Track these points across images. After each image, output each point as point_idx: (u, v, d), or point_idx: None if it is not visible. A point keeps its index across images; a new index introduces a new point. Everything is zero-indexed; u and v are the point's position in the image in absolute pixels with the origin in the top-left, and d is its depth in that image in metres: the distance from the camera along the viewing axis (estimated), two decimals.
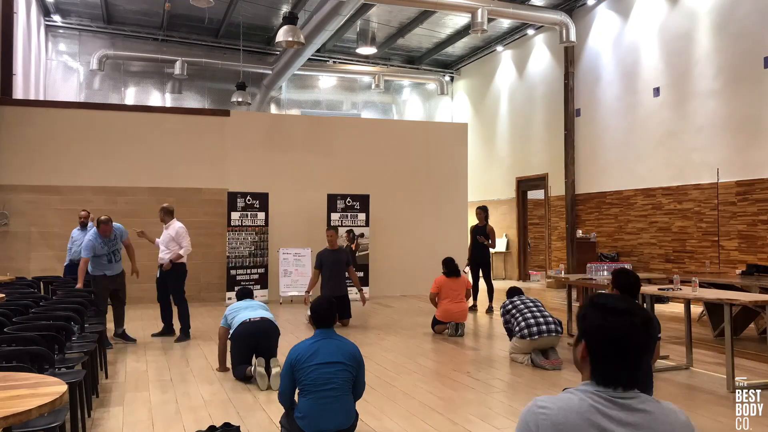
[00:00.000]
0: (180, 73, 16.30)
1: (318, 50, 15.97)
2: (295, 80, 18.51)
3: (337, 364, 3.79)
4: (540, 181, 15.37)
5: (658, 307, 8.18)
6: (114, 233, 7.74)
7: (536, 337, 6.29)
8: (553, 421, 1.56)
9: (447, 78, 19.73)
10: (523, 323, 6.41)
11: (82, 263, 7.59)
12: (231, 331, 5.88)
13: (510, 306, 6.73)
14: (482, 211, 10.97)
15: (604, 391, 1.59)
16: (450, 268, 8.32)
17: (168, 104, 16.97)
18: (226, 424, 4.16)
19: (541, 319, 6.38)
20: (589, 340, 1.64)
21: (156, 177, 11.67)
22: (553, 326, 6.36)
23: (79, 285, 7.46)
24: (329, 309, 3.99)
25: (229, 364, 6.03)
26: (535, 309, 6.53)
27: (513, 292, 7.04)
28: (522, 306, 6.60)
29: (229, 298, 11.30)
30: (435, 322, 8.33)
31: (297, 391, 3.89)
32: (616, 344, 1.58)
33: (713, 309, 7.92)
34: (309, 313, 4.33)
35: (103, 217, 7.66)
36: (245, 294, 6.51)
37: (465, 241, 13.79)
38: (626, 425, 1.55)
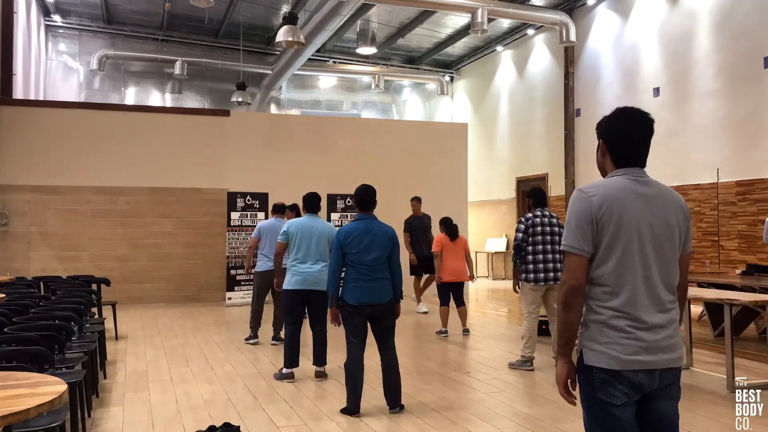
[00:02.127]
0: (180, 73, 16.30)
1: (318, 50, 15.97)
2: (295, 80, 18.51)
3: (374, 252, 4.62)
4: (540, 181, 15.37)
5: None
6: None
7: (542, 283, 6.16)
8: (602, 196, 2.13)
9: (447, 78, 19.73)
10: (531, 265, 6.18)
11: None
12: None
13: (530, 225, 6.24)
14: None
15: (628, 173, 2.20)
16: (448, 227, 8.28)
17: (168, 104, 16.98)
18: (226, 424, 4.16)
19: (549, 264, 6.17)
20: (606, 138, 2.28)
21: (156, 177, 11.67)
22: (559, 273, 6.11)
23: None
24: (370, 193, 4.75)
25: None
26: (547, 245, 6.20)
27: (537, 200, 6.41)
28: (539, 237, 6.19)
29: (230, 298, 11.31)
30: (442, 292, 8.19)
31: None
32: (627, 135, 2.22)
33: (713, 309, 7.92)
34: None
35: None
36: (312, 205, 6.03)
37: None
38: (650, 195, 2.16)
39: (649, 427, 2.18)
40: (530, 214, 6.34)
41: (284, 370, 5.79)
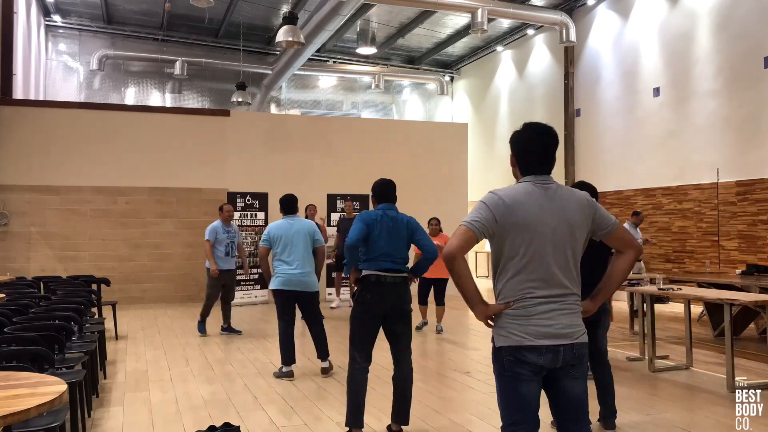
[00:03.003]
0: (180, 73, 16.30)
1: (318, 50, 15.97)
2: (295, 80, 18.51)
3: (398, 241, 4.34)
4: None
5: (658, 307, 8.18)
6: (233, 226, 8.12)
7: None
8: (506, 197, 2.40)
9: (447, 78, 19.72)
10: None
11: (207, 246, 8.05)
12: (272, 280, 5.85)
13: None
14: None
15: (533, 180, 2.47)
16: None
17: (168, 104, 16.97)
18: (226, 424, 4.16)
19: None
20: (514, 149, 2.54)
21: (156, 177, 11.66)
22: None
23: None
24: (389, 186, 4.53)
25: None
26: None
27: None
28: None
29: None
30: (422, 290, 8.48)
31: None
32: (529, 146, 2.50)
33: (713, 309, 7.92)
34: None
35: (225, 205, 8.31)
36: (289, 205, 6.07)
37: None
38: (552, 197, 2.44)
39: (557, 405, 2.50)
40: None
41: (284, 369, 5.81)
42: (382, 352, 7.06)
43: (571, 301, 2.43)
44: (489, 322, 2.49)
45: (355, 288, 4.40)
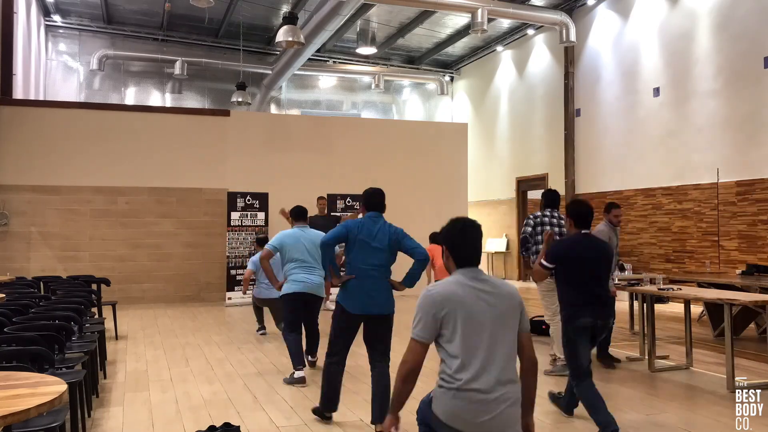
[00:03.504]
0: (180, 73, 16.30)
1: (318, 50, 15.96)
2: (295, 80, 18.51)
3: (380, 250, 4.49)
4: (540, 181, 15.36)
5: (658, 307, 8.18)
6: None
7: None
8: (442, 293, 2.56)
9: (447, 78, 19.73)
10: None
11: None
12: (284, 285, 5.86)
13: (539, 223, 6.23)
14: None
15: (467, 273, 2.63)
16: (437, 242, 8.23)
17: (168, 104, 16.97)
18: (226, 424, 4.16)
19: None
20: (446, 244, 2.72)
21: (156, 177, 11.67)
22: None
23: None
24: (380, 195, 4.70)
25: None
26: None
27: (548, 200, 6.39)
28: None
29: (230, 298, 11.31)
30: None
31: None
32: (460, 241, 2.69)
33: (713, 309, 7.92)
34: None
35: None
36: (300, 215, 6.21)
37: None
38: (484, 290, 2.59)
39: None
40: (539, 213, 6.35)
41: (296, 374, 5.70)
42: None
43: (514, 390, 2.55)
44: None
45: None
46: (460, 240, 2.70)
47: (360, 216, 4.71)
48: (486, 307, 2.54)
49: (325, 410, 4.54)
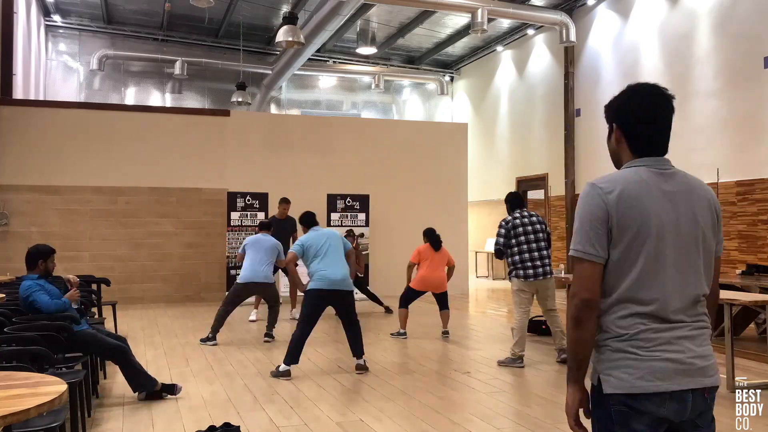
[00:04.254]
0: (180, 73, 16.30)
1: (318, 50, 15.96)
2: (295, 80, 18.51)
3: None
4: (540, 181, 15.36)
5: None
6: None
7: (531, 280, 6.33)
8: (619, 193, 1.81)
9: (447, 78, 19.73)
10: (520, 263, 6.36)
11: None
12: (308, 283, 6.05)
13: (510, 227, 6.48)
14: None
15: (648, 163, 1.89)
16: (432, 238, 8.07)
17: (168, 104, 16.98)
18: (226, 424, 4.16)
19: (537, 261, 6.34)
20: (620, 121, 1.97)
21: (156, 177, 11.66)
22: (548, 267, 6.39)
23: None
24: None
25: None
26: (533, 242, 6.38)
27: (514, 202, 6.68)
28: (521, 232, 6.41)
29: None
30: (407, 296, 7.94)
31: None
32: (644, 116, 1.93)
33: None
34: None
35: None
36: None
37: (465, 241, 13.80)
38: (675, 191, 1.86)
39: None
40: (509, 217, 6.55)
41: (281, 367, 5.81)
42: (384, 353, 7.07)
43: (702, 324, 1.92)
44: (579, 416, 1.90)
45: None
46: (642, 114, 1.96)
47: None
48: (674, 216, 1.86)
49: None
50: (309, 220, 6.48)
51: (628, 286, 1.81)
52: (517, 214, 6.54)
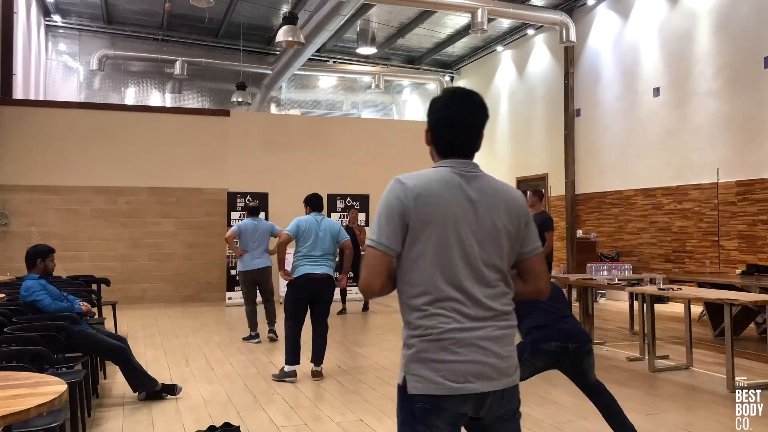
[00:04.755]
0: (180, 73, 16.30)
1: (318, 50, 15.96)
2: (295, 80, 18.51)
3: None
4: (540, 181, 15.36)
5: (658, 307, 8.18)
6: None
7: None
8: (420, 189, 1.85)
9: (447, 78, 19.73)
10: None
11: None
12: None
13: None
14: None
15: (454, 165, 1.92)
16: None
17: (168, 104, 16.97)
18: (226, 424, 4.16)
19: None
20: (429, 122, 2.00)
21: (156, 177, 11.67)
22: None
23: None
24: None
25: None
26: None
27: None
28: None
29: (230, 298, 11.30)
30: None
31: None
32: (447, 119, 1.94)
33: (713, 309, 7.92)
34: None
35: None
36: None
37: None
38: (476, 190, 1.89)
39: None
40: None
41: (286, 368, 5.78)
42: (384, 353, 7.07)
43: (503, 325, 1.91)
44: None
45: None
46: (446, 117, 1.95)
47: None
48: (471, 217, 1.88)
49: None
50: (313, 203, 6.28)
51: (428, 284, 1.84)
52: None
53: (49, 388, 2.44)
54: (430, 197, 1.85)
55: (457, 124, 1.94)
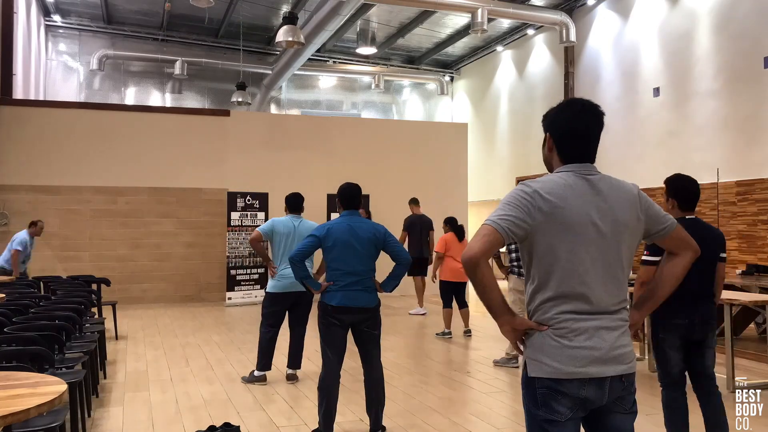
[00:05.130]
0: (180, 73, 16.30)
1: (318, 50, 15.97)
2: (295, 80, 18.51)
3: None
4: None
5: None
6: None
7: None
8: (546, 190, 1.96)
9: (447, 78, 19.73)
10: (514, 255, 6.44)
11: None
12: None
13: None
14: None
15: (575, 169, 2.04)
16: (456, 228, 8.19)
17: (168, 104, 16.98)
18: (226, 424, 4.16)
19: None
20: (552, 132, 2.11)
21: (156, 177, 11.66)
22: None
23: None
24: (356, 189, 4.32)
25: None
26: None
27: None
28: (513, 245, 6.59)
29: (230, 298, 11.30)
30: (445, 292, 8.02)
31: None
32: (573, 129, 2.07)
33: None
34: None
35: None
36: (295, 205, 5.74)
37: (465, 241, 13.79)
38: (599, 191, 2.00)
39: None
40: None
41: (256, 373, 5.68)
42: (384, 353, 7.06)
43: (621, 317, 2.03)
44: (519, 345, 2.06)
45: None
46: (572, 126, 2.08)
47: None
48: (596, 215, 1.99)
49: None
50: (291, 203, 5.75)
51: (552, 279, 1.96)
52: None
53: (49, 388, 2.44)
54: (557, 199, 1.96)
55: (585, 135, 2.09)
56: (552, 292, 1.97)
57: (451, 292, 8.04)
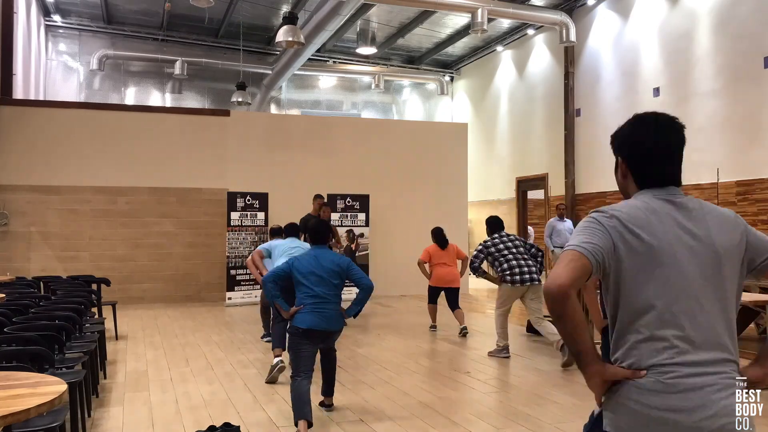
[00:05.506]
0: (180, 73, 16.30)
1: (318, 50, 15.97)
2: (295, 80, 18.51)
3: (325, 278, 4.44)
4: (540, 181, 15.37)
5: None
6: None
7: (518, 285, 6.66)
8: (626, 218, 1.68)
9: (447, 78, 19.73)
10: (508, 270, 6.70)
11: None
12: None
13: (490, 245, 6.89)
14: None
15: (657, 193, 1.74)
16: (438, 237, 8.52)
17: (168, 104, 16.98)
18: (226, 424, 4.16)
19: (525, 268, 6.70)
20: (625, 154, 1.81)
21: (156, 177, 11.66)
22: (535, 275, 6.72)
23: None
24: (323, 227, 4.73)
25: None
26: (518, 254, 6.80)
27: (494, 227, 7.11)
28: (503, 248, 6.82)
29: (230, 298, 11.30)
30: (430, 293, 8.51)
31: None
32: (648, 149, 1.76)
33: None
34: None
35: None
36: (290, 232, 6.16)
37: (465, 241, 13.80)
38: (687, 216, 1.70)
39: None
40: (488, 239, 7.00)
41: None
42: (384, 353, 7.07)
43: (731, 371, 1.73)
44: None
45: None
46: (648, 147, 1.78)
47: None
48: (688, 241, 1.69)
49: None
50: (287, 231, 6.28)
51: (648, 322, 1.65)
52: (496, 236, 6.98)
53: (49, 388, 2.44)
54: (641, 226, 1.67)
55: (667, 155, 1.78)
56: (645, 332, 1.65)
57: (436, 293, 8.47)
